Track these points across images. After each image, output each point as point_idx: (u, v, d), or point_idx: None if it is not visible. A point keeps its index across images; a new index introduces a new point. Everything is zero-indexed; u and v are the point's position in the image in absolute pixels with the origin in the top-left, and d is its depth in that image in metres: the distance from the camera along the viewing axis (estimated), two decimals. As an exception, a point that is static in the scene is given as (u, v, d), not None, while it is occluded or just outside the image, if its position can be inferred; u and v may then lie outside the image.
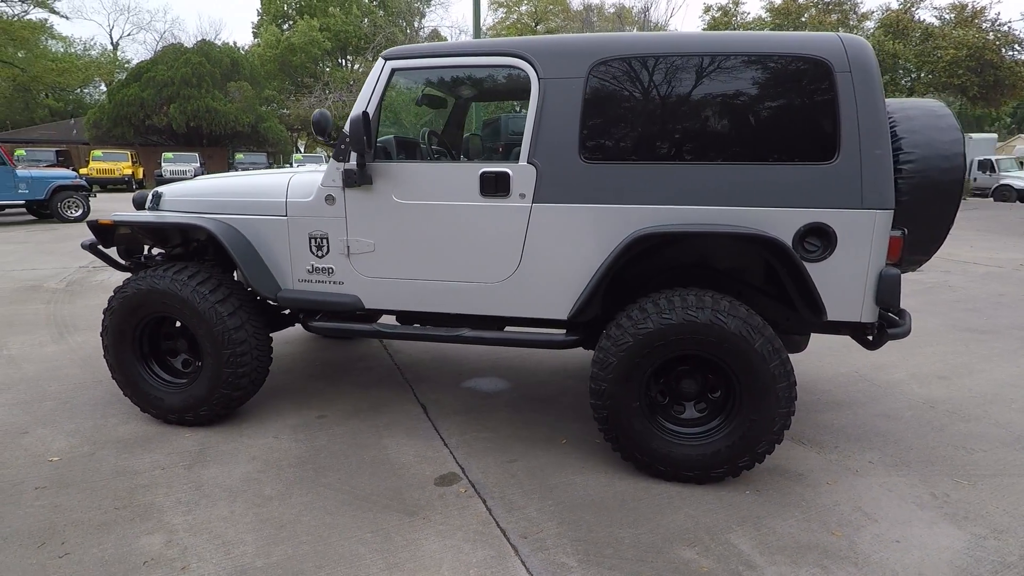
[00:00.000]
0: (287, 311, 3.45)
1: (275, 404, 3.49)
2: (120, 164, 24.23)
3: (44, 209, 12.96)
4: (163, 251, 3.55)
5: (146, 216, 3.20)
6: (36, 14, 35.38)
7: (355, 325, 3.08)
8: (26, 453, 2.88)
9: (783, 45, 2.49)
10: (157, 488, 2.59)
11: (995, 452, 2.97)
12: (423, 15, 43.20)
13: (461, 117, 4.09)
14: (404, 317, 3.19)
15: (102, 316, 3.15)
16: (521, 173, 2.71)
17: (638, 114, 2.66)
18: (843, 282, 2.55)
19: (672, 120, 2.63)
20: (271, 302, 3.15)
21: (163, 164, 24.64)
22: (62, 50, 41.56)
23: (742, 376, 2.49)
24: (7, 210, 13.17)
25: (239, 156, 27.09)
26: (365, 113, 2.66)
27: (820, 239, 2.54)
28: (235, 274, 3.37)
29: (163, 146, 29.67)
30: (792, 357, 4.16)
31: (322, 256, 3.02)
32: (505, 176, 2.72)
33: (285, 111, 35.01)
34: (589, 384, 2.68)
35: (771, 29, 20.98)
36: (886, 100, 2.87)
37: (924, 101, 2.88)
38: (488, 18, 40.78)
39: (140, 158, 27.07)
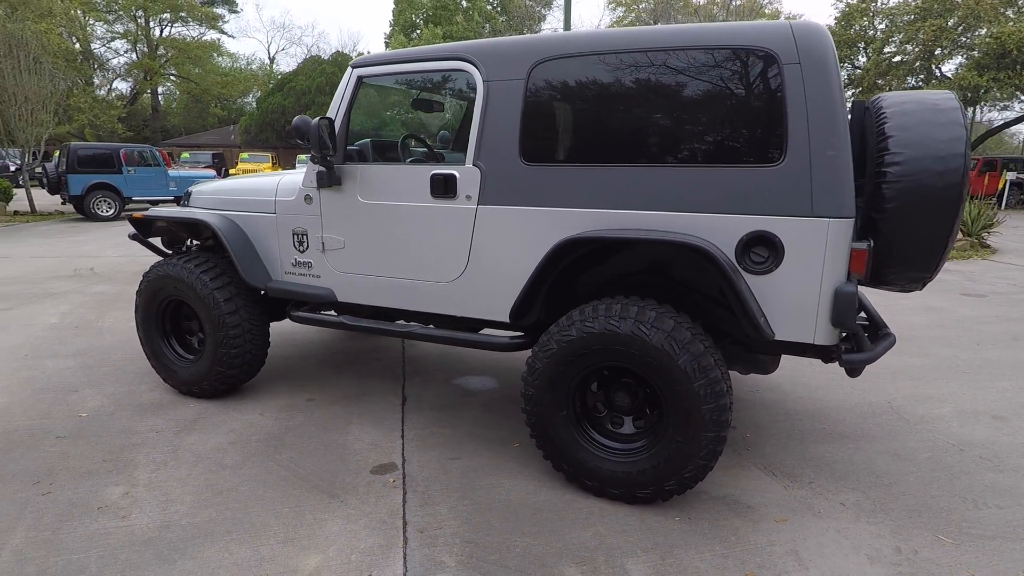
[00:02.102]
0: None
1: (277, 385, 3.82)
2: (262, 165, 27.29)
3: (189, 204, 14.98)
4: (199, 242, 4.04)
5: (159, 211, 3.66)
6: (210, 35, 40.97)
7: (324, 316, 3.29)
8: (66, 408, 3.45)
9: (727, 37, 2.28)
10: (143, 448, 2.99)
11: (1012, 511, 2.49)
12: (543, 18, 43.74)
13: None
14: (381, 313, 3.34)
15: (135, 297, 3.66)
16: (467, 175, 2.74)
17: (577, 115, 2.58)
18: (792, 298, 2.29)
19: (611, 121, 2.52)
20: (262, 292, 3.46)
21: (296, 164, 27.35)
22: (228, 65, 47.53)
23: (666, 393, 2.33)
24: (159, 204, 15.37)
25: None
26: (322, 118, 2.85)
27: (767, 249, 2.30)
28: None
29: (301, 148, 32.90)
30: (815, 382, 3.80)
31: (303, 251, 3.27)
32: (452, 178, 2.77)
33: (409, 115, 37.26)
34: (520, 388, 2.65)
35: (919, 12, 18.58)
36: (894, 93, 2.54)
37: (929, 93, 2.48)
38: (605, 17, 40.24)
39: (280, 159, 30.28)
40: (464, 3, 41.33)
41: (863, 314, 2.94)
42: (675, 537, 2.31)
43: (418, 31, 42.39)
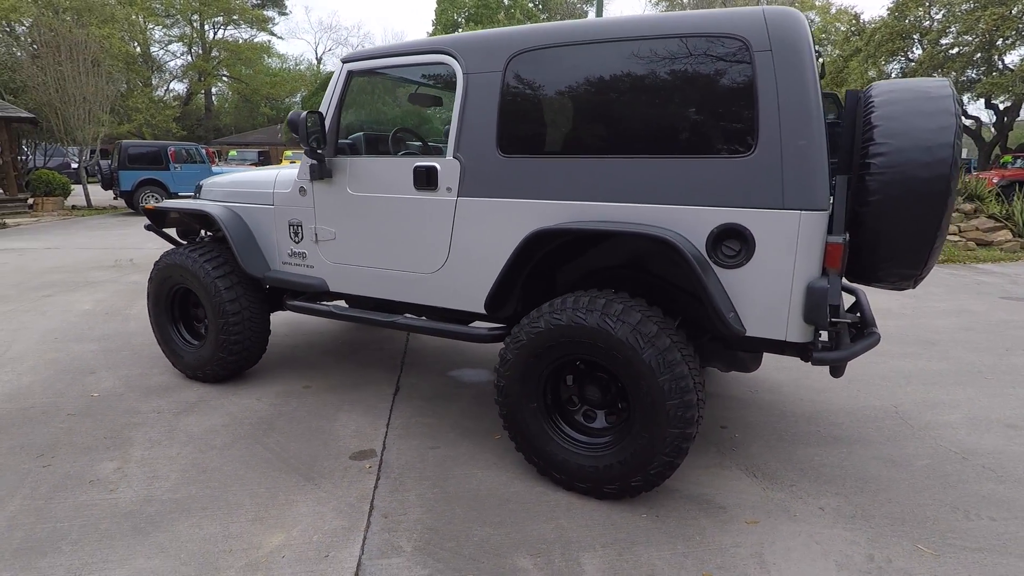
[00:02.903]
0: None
1: (279, 372, 3.95)
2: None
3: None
4: (211, 233, 4.20)
5: (169, 202, 3.82)
6: (260, 37, 42.41)
7: (315, 305, 3.37)
8: (81, 387, 3.65)
9: (700, 25, 2.23)
10: (142, 427, 3.14)
11: (1005, 524, 2.34)
12: (585, 15, 43.39)
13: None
14: (380, 303, 3.38)
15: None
16: (448, 167, 2.77)
17: (551, 106, 2.57)
18: (764, 293, 2.22)
19: (584, 112, 2.50)
20: (267, 285, 3.57)
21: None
22: (277, 66, 49.06)
23: (631, 388, 2.30)
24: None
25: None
26: (311, 112, 2.92)
27: (738, 243, 2.23)
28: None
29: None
30: (819, 384, 3.67)
31: (299, 242, 3.37)
32: (434, 170, 2.80)
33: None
34: (494, 379, 2.66)
35: (979, 0, 17.51)
36: (888, 81, 2.44)
37: (923, 81, 2.36)
38: (647, 10, 39.65)
39: (322, 157, 31.06)
40: (506, 1, 41.42)
41: (855, 311, 2.82)
42: (638, 534, 2.28)
43: (460, 30, 42.82)
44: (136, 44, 35.57)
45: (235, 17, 40.28)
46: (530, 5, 42.09)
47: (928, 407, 3.43)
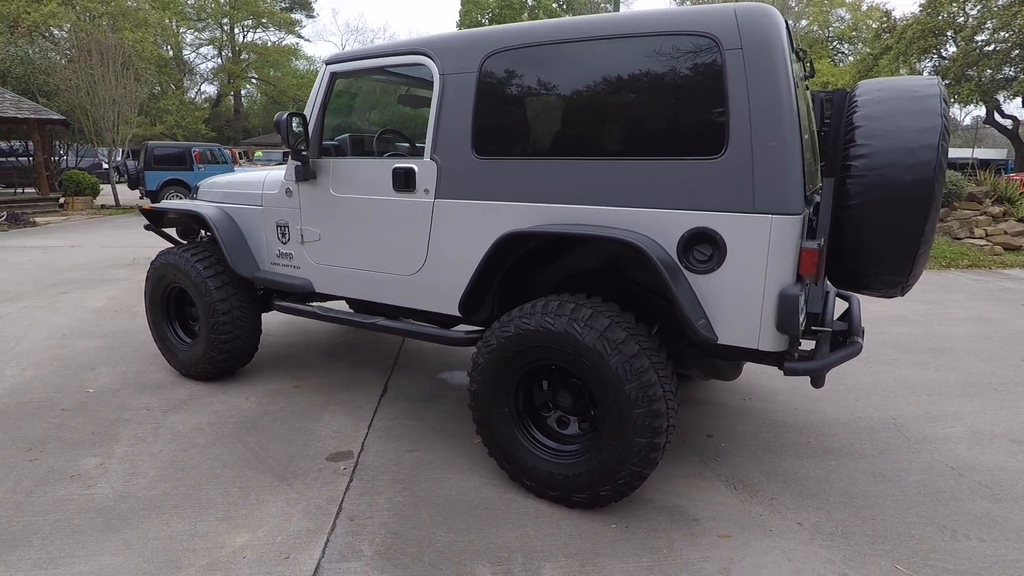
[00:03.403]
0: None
1: (271, 371, 3.98)
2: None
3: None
4: (210, 233, 4.26)
5: (165, 203, 3.89)
6: (288, 40, 43.19)
7: (298, 305, 3.39)
8: (79, 383, 3.74)
9: (670, 23, 2.16)
10: (130, 424, 3.19)
11: (994, 546, 2.22)
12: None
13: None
14: (367, 305, 3.38)
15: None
16: (425, 169, 2.75)
17: (524, 107, 2.53)
18: (735, 300, 2.15)
19: (556, 113, 2.45)
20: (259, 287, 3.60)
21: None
22: (305, 68, 49.87)
23: (598, 395, 2.24)
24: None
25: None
26: (291, 113, 2.93)
27: (710, 247, 2.16)
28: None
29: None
30: (817, 394, 3.56)
31: (286, 243, 3.39)
32: (411, 172, 2.78)
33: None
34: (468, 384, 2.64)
35: (1017, -5, 16.85)
36: (875, 80, 2.35)
37: (911, 79, 2.26)
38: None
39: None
40: (530, 1, 41.37)
41: (845, 319, 2.72)
42: (604, 545, 2.23)
43: (483, 31, 42.87)
44: (168, 47, 36.56)
45: (264, 20, 41.09)
46: (554, 5, 42.02)
47: (929, 419, 3.29)
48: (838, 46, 31.00)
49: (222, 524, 2.34)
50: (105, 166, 25.52)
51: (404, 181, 2.80)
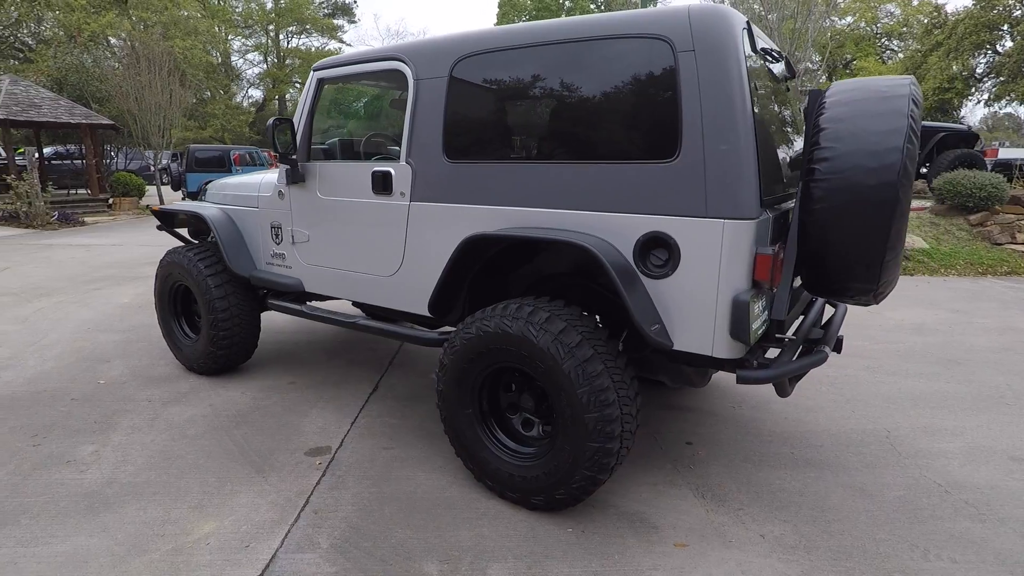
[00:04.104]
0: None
1: (271, 367, 4.12)
2: (364, 165, 29.13)
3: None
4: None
5: (173, 205, 4.06)
6: (331, 45, 44.34)
7: (289, 304, 3.49)
8: (92, 375, 3.96)
9: (624, 25, 2.15)
10: (131, 414, 3.36)
11: (969, 568, 2.12)
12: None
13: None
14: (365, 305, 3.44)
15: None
16: (401, 172, 2.81)
17: (489, 111, 2.56)
18: (690, 305, 2.12)
19: (520, 117, 2.47)
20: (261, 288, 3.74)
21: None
22: (346, 72, 51.00)
23: (554, 398, 2.25)
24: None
25: None
26: (277, 119, 3.04)
27: (665, 252, 2.14)
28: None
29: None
30: (811, 403, 3.46)
31: (279, 243, 3.51)
32: (389, 175, 2.85)
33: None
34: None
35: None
36: (849, 80, 2.29)
37: (884, 79, 2.18)
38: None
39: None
40: (567, 3, 41.26)
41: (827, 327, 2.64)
42: (556, 548, 2.23)
43: (520, 33, 42.99)
44: (217, 54, 38.05)
45: (307, 26, 42.28)
46: (591, 6, 41.80)
47: (927, 433, 3.15)
48: (887, 43, 29.79)
49: (194, 512, 2.44)
50: (153, 168, 26.80)
51: (382, 184, 2.87)
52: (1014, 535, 2.29)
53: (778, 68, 2.67)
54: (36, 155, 12.72)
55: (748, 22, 2.15)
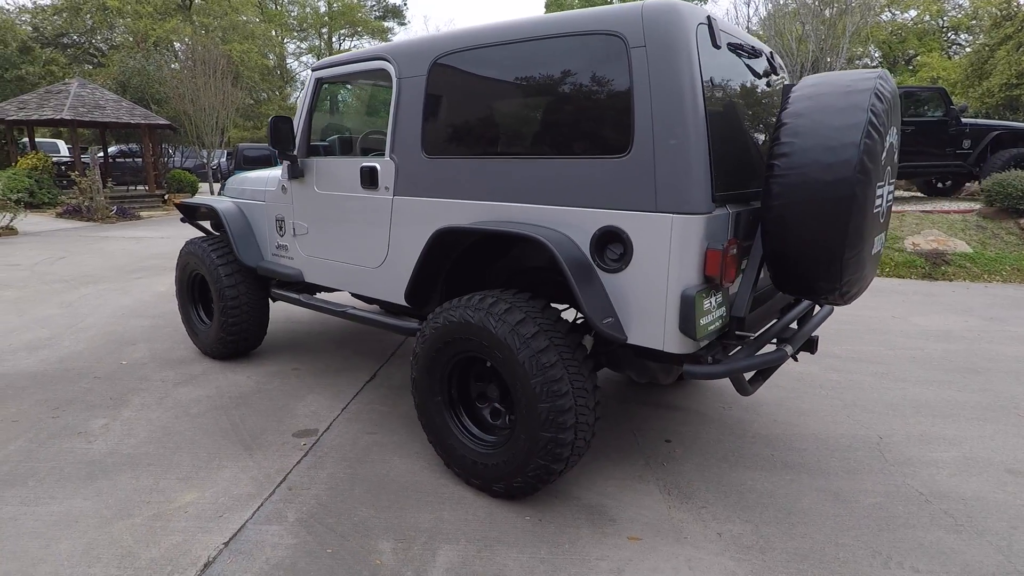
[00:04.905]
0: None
1: (279, 353, 4.32)
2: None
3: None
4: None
5: (195, 199, 4.31)
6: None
7: (287, 293, 3.67)
8: (117, 356, 4.25)
9: (581, 22, 2.18)
10: (144, 392, 3.61)
11: (927, 576, 2.04)
12: (697, 10, 41.71)
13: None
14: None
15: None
16: (386, 167, 2.92)
17: (461, 109, 2.63)
18: (642, 300, 2.13)
19: (487, 114, 2.53)
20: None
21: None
22: (394, 73, 52.04)
23: (512, 388, 2.30)
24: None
25: None
26: (275, 117, 3.20)
27: (620, 246, 2.16)
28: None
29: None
30: (806, 406, 3.40)
31: (282, 235, 3.69)
32: (375, 170, 2.96)
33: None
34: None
35: None
36: (821, 74, 2.26)
37: (848, 73, 2.13)
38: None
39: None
40: (615, 2, 40.79)
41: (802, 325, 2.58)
42: (509, 534, 2.28)
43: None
44: (272, 57, 39.57)
45: (359, 29, 43.43)
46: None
47: (922, 441, 3.02)
48: (953, 37, 28.15)
49: (181, 483, 2.62)
50: (207, 166, 28.13)
51: (370, 179, 2.98)
52: (989, 547, 2.19)
53: (760, 64, 2.63)
54: (98, 154, 13.60)
55: (709, 17, 2.14)
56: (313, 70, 3.33)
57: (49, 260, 8.08)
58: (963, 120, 9.42)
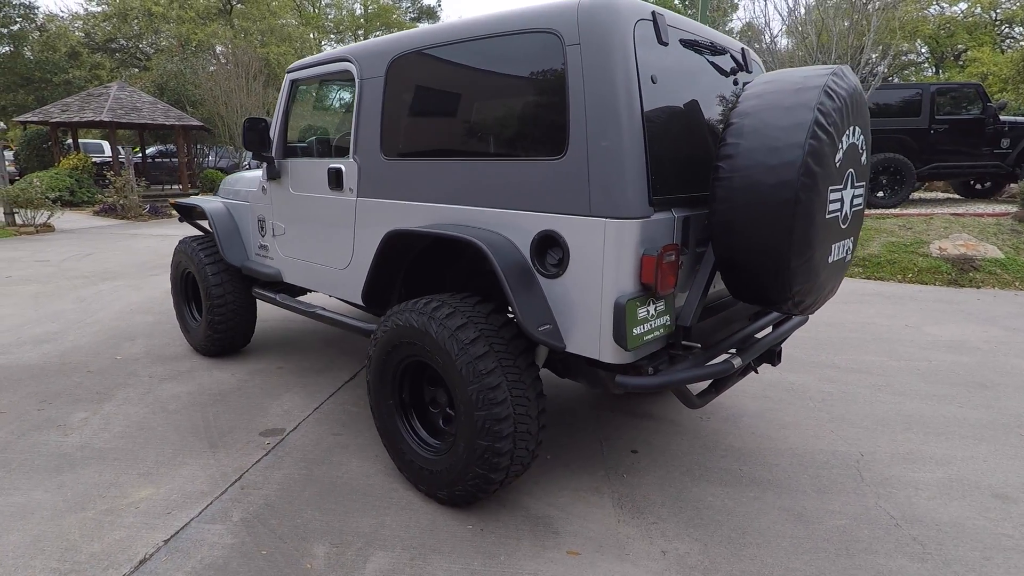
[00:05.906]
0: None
1: (265, 352, 4.38)
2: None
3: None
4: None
5: (189, 199, 4.41)
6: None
7: (264, 292, 3.71)
8: (113, 351, 4.38)
9: (519, 21, 2.12)
10: (129, 387, 3.70)
11: (877, 608, 1.91)
12: (735, 8, 40.69)
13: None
14: None
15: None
16: (350, 169, 2.91)
17: (412, 110, 2.60)
18: (579, 307, 2.06)
19: (434, 116, 2.50)
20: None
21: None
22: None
23: (453, 394, 2.26)
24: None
25: None
26: (249, 118, 3.23)
27: (560, 251, 2.09)
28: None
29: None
30: (789, 419, 3.27)
31: (264, 236, 3.73)
32: (340, 171, 2.96)
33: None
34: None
35: None
36: (778, 71, 2.15)
37: (805, 70, 2.01)
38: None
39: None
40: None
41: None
42: (447, 543, 2.24)
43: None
44: (309, 59, 40.41)
45: (394, 30, 44.09)
46: (676, 3, 40.50)
47: (906, 461, 2.84)
48: (1007, 30, 26.71)
49: (140, 478, 2.67)
50: (239, 166, 28.93)
51: (336, 180, 2.99)
52: (953, 580, 2.04)
53: (724, 62, 2.51)
54: (132, 153, 14.13)
55: (654, 12, 2.05)
56: (288, 72, 3.36)
57: (77, 256, 8.42)
58: (1001, 118, 8.91)
